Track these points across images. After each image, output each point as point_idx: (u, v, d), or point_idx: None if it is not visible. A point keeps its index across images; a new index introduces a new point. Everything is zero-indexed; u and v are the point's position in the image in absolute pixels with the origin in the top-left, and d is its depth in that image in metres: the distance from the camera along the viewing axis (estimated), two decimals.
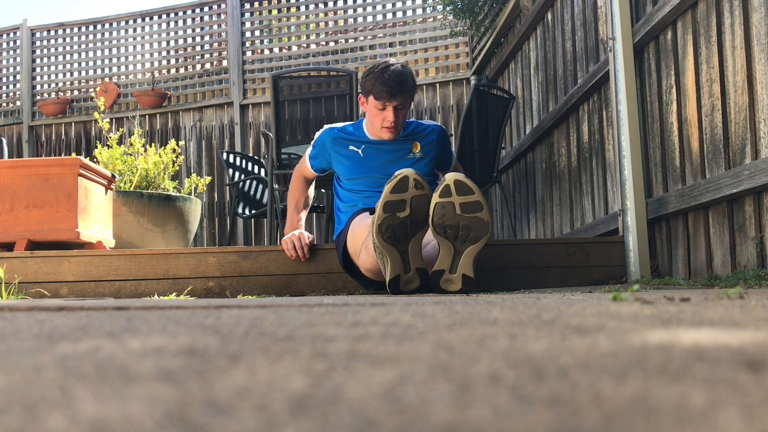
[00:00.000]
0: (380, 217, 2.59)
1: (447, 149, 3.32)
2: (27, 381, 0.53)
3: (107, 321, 1.08)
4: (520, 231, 5.53)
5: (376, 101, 3.05)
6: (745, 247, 2.54)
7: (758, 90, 2.41)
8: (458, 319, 1.03)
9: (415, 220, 2.64)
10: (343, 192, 3.23)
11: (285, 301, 1.90)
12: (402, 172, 2.63)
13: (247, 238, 7.34)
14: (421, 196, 2.62)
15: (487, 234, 2.61)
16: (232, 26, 7.76)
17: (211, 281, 3.25)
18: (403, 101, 3.07)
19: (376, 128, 3.11)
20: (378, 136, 3.15)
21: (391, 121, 3.06)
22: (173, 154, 5.10)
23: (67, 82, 8.44)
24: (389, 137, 3.12)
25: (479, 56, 6.59)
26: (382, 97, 3.03)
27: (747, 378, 0.50)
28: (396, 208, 2.59)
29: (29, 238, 3.45)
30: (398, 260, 2.67)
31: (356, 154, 3.16)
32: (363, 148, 3.16)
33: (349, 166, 3.16)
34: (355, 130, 3.23)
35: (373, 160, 3.15)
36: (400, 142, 3.19)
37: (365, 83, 3.10)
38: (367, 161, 3.15)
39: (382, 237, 2.62)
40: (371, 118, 3.12)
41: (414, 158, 3.17)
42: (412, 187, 2.60)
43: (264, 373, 0.56)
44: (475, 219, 2.58)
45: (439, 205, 2.57)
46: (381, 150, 3.16)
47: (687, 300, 1.40)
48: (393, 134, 3.11)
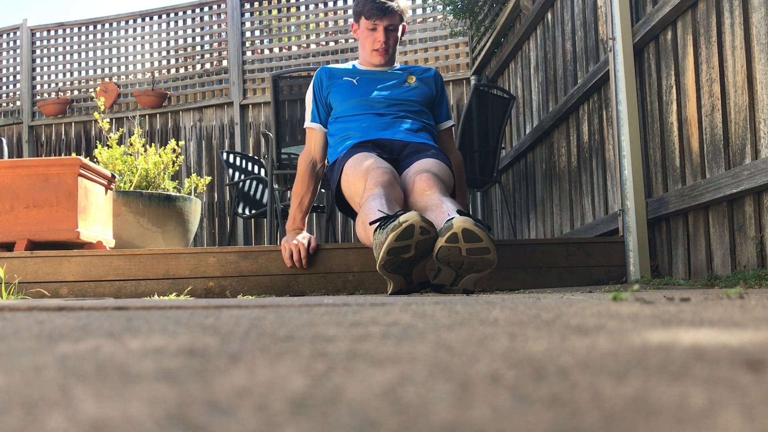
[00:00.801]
0: (383, 258, 2.47)
1: (442, 96, 3.33)
2: (27, 381, 0.53)
3: (107, 321, 1.08)
4: (520, 231, 5.53)
5: (367, 21, 3.09)
6: (745, 247, 2.54)
7: (758, 90, 2.41)
8: (458, 319, 1.03)
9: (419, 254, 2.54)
10: (336, 125, 3.22)
11: (285, 301, 1.90)
12: (408, 220, 2.41)
13: (247, 238, 7.34)
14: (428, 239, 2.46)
15: (491, 267, 2.51)
16: (232, 26, 7.76)
17: (211, 281, 3.25)
18: (394, 21, 3.10)
19: (367, 52, 3.14)
20: (370, 62, 3.16)
21: (381, 41, 3.08)
22: (173, 154, 5.10)
23: (67, 82, 8.44)
24: (380, 60, 3.14)
25: (479, 56, 6.59)
26: (373, 15, 3.06)
27: (747, 378, 0.50)
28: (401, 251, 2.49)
29: (29, 238, 3.45)
30: (401, 281, 2.64)
31: (351, 83, 3.17)
32: (358, 78, 3.18)
33: (343, 93, 3.17)
34: (348, 66, 3.28)
35: (368, 86, 3.16)
36: (395, 72, 3.20)
37: (356, 5, 3.16)
38: (362, 87, 3.17)
39: (385, 270, 2.56)
40: (362, 43, 3.16)
41: (409, 86, 3.18)
42: (418, 234, 2.43)
43: (264, 373, 0.56)
44: (480, 259, 2.46)
45: (444, 248, 2.43)
46: (376, 78, 3.19)
47: (687, 300, 1.40)
48: (384, 57, 3.13)
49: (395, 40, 3.15)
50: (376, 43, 3.10)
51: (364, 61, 3.21)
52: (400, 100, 3.17)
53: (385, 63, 3.18)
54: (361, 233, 2.84)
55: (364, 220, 2.75)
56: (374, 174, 2.80)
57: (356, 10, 3.15)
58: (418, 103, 3.20)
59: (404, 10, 3.15)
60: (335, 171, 3.12)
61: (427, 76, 3.26)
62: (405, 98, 3.18)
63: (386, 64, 3.20)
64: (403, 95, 3.19)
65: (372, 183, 2.78)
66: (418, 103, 3.19)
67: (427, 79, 3.25)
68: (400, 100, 3.17)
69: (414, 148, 3.10)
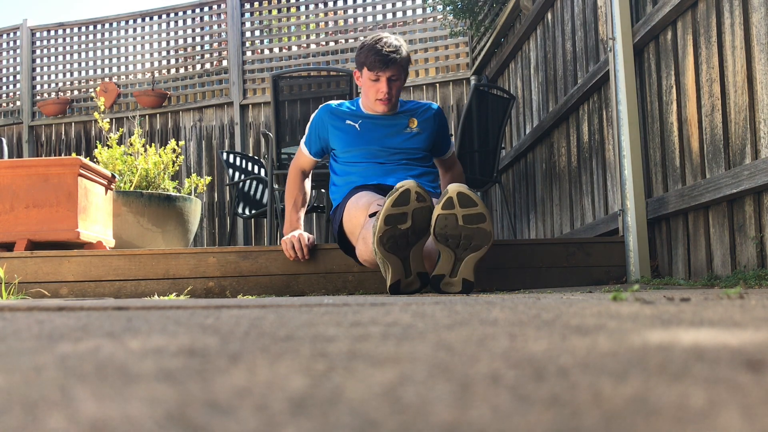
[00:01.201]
0: (381, 229, 2.56)
1: (444, 130, 3.33)
2: (27, 381, 0.53)
3: (107, 321, 1.08)
4: (520, 231, 5.53)
5: (369, 72, 3.08)
6: (745, 247, 2.54)
7: (758, 90, 2.41)
8: (458, 319, 1.03)
9: (416, 230, 2.61)
10: (338, 166, 3.23)
11: (285, 301, 1.90)
12: (404, 185, 2.57)
13: (247, 238, 7.34)
14: (423, 208, 2.57)
15: (488, 243, 2.59)
16: (232, 26, 7.76)
17: (211, 281, 3.25)
18: (397, 72, 3.09)
19: (370, 101, 3.13)
20: (373, 110, 3.16)
21: (384, 92, 3.07)
22: (173, 154, 5.10)
23: (67, 82, 8.44)
24: (383, 110, 3.13)
25: (479, 56, 6.59)
26: (375, 67, 3.05)
27: (747, 378, 0.50)
28: (397, 220, 2.56)
29: (29, 238, 3.45)
30: (399, 267, 2.66)
31: (353, 127, 3.17)
32: (360, 122, 3.17)
33: (345, 139, 3.17)
34: (352, 106, 3.25)
35: (370, 134, 3.16)
36: (396, 117, 3.20)
37: (359, 56, 3.13)
38: (364, 134, 3.16)
39: (383, 247, 2.60)
40: (366, 91, 3.14)
41: (411, 133, 3.18)
42: (414, 200, 2.56)
43: (264, 373, 0.56)
44: (477, 229, 2.55)
45: (441, 216, 2.53)
46: (378, 124, 3.17)
47: (687, 300, 1.40)
48: (387, 106, 3.12)
49: (398, 89, 3.14)
50: (379, 93, 3.09)
51: (367, 107, 3.20)
52: (401, 149, 3.19)
53: (388, 111, 3.17)
54: (362, 251, 2.85)
55: (365, 236, 2.78)
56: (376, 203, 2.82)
57: (359, 60, 3.13)
58: (420, 149, 3.21)
59: (407, 60, 3.14)
60: (338, 213, 3.13)
61: (427, 117, 3.24)
62: (406, 147, 3.19)
63: (389, 112, 3.19)
64: (405, 143, 3.19)
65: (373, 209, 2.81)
66: (419, 149, 3.21)
67: (427, 120, 3.23)
68: (400, 149, 3.19)
69: None
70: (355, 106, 3.25)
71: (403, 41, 3.19)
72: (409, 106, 3.28)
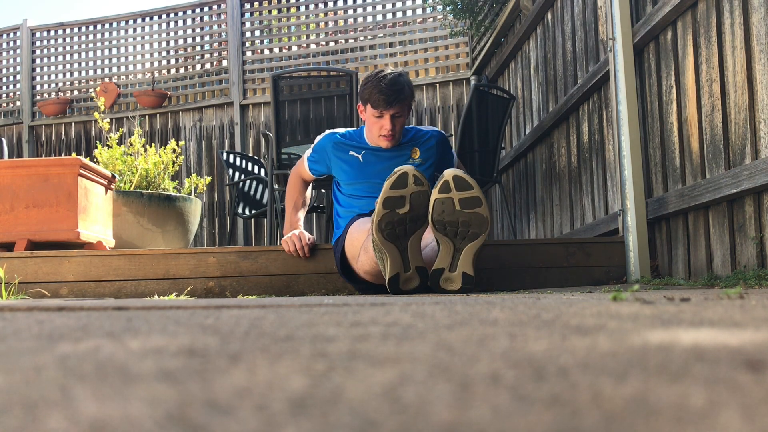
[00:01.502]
0: (380, 213, 2.59)
1: (447, 153, 3.32)
2: (27, 381, 0.53)
3: (107, 321, 1.08)
4: (520, 231, 5.53)
5: (373, 110, 3.08)
6: (745, 247, 2.54)
7: (758, 90, 2.41)
8: (458, 319, 1.03)
9: (414, 216, 2.63)
10: (342, 197, 3.24)
11: (285, 301, 1.90)
12: (401, 169, 2.62)
13: (247, 238, 7.34)
14: (421, 192, 2.61)
15: (486, 230, 2.61)
16: (232, 26, 7.76)
17: (211, 281, 3.25)
18: (400, 110, 3.09)
19: (374, 136, 3.13)
20: (377, 144, 3.17)
21: (388, 129, 3.08)
22: (173, 154, 5.10)
23: (67, 82, 8.44)
24: (387, 146, 3.14)
25: (479, 56, 6.59)
26: (379, 106, 3.05)
27: (747, 378, 0.50)
28: (395, 204, 2.59)
29: (29, 238, 3.45)
30: (398, 258, 2.67)
31: (356, 159, 3.17)
32: (363, 153, 3.17)
33: (348, 171, 3.17)
34: (356, 136, 3.25)
35: (372, 166, 3.16)
36: (399, 149, 3.20)
37: (363, 92, 3.13)
38: (366, 167, 3.16)
39: (381, 234, 2.62)
40: (369, 127, 3.14)
41: (414, 164, 3.18)
42: (412, 183, 2.60)
43: (264, 373, 0.56)
44: (474, 214, 2.58)
45: (438, 201, 2.56)
46: (380, 156, 3.17)
47: (687, 300, 1.40)
48: (391, 143, 3.13)
49: (402, 125, 3.15)
50: (383, 131, 3.10)
51: (370, 140, 3.20)
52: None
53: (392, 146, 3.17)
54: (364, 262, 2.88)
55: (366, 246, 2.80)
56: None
57: (363, 95, 3.13)
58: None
59: (411, 97, 3.14)
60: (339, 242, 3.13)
61: (430, 146, 3.23)
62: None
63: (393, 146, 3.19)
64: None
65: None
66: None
67: (430, 149, 3.23)
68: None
69: None
70: (359, 137, 3.24)
71: (406, 76, 3.19)
72: (411, 135, 3.26)
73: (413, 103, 3.28)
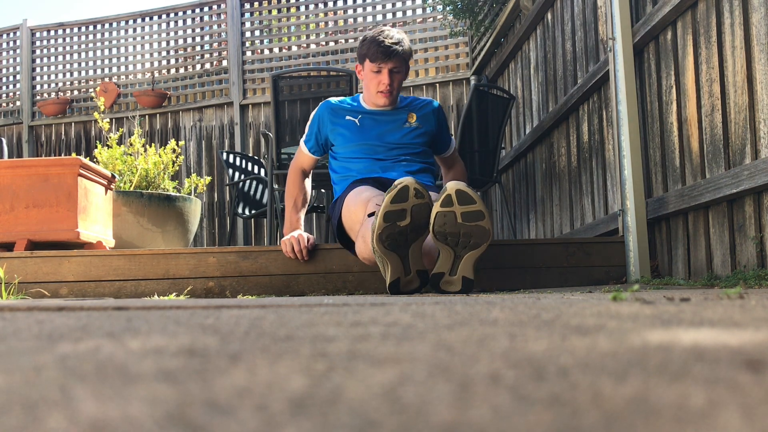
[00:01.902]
0: (380, 226, 2.55)
1: (443, 128, 3.35)
2: (27, 381, 0.53)
3: (107, 321, 1.08)
4: (520, 231, 5.53)
5: (371, 64, 3.11)
6: (745, 247, 2.54)
7: (758, 90, 2.41)
8: (458, 319, 1.03)
9: (415, 227, 2.61)
10: (337, 164, 3.25)
11: (285, 301, 1.90)
12: (402, 182, 2.57)
13: (247, 238, 7.34)
14: (422, 204, 2.56)
15: (487, 241, 2.59)
16: (232, 26, 7.76)
17: (211, 281, 3.25)
18: (399, 64, 3.12)
19: (371, 94, 3.15)
20: (374, 103, 3.18)
21: (386, 84, 3.09)
22: (173, 154, 5.10)
23: (67, 82, 8.44)
24: (385, 102, 3.15)
25: (479, 56, 6.59)
26: (378, 59, 3.07)
27: (747, 378, 0.50)
28: (396, 217, 2.56)
29: (29, 238, 3.45)
30: (399, 265, 2.66)
31: (353, 123, 3.19)
32: (360, 117, 3.19)
33: (346, 135, 3.19)
34: (353, 102, 3.28)
35: (370, 130, 3.18)
36: (396, 113, 3.22)
37: (361, 48, 3.17)
38: (363, 130, 3.18)
39: (382, 244, 2.60)
40: (367, 84, 3.17)
41: (410, 127, 3.21)
42: (413, 197, 2.56)
43: (264, 373, 0.56)
44: (476, 227, 2.55)
45: (440, 214, 2.53)
46: (377, 120, 3.19)
47: (687, 300, 1.40)
48: (388, 99, 3.14)
49: (399, 82, 3.17)
50: (380, 86, 3.11)
51: (368, 101, 3.22)
52: (401, 144, 3.22)
53: (390, 104, 3.18)
54: (362, 249, 2.86)
55: (363, 234, 2.79)
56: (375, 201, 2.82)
57: (360, 52, 3.17)
58: (419, 144, 3.23)
59: (409, 52, 3.16)
60: (337, 207, 3.14)
61: (426, 112, 3.27)
62: (405, 142, 3.22)
63: (390, 105, 3.20)
64: (403, 139, 3.21)
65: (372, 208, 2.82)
66: (418, 144, 3.23)
67: (426, 115, 3.27)
68: (400, 144, 3.21)
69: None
70: (356, 102, 3.28)
71: (405, 35, 3.22)
72: (409, 101, 3.31)
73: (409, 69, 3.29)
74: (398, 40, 3.10)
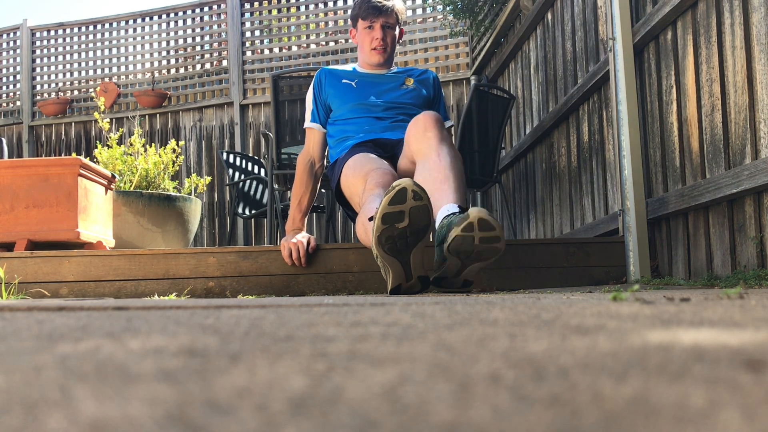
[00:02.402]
0: (379, 228, 2.52)
1: (439, 98, 3.39)
2: (27, 381, 0.53)
3: (107, 321, 1.08)
4: (520, 231, 5.53)
5: (363, 22, 3.18)
6: (745, 247, 2.54)
7: (758, 90, 2.41)
8: (458, 319, 1.03)
9: (414, 230, 2.57)
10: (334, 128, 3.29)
11: (285, 301, 1.90)
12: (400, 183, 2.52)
13: (247, 238, 7.34)
14: (420, 207, 2.51)
15: (497, 256, 2.60)
16: (232, 26, 7.76)
17: (211, 281, 3.25)
18: (390, 19, 3.17)
19: (366, 53, 3.19)
20: (369, 63, 3.20)
21: (379, 38, 3.14)
22: (173, 154, 5.10)
23: (67, 82, 8.44)
24: (379, 59, 3.17)
25: (479, 56, 6.59)
26: (369, 15, 3.13)
27: (747, 378, 0.50)
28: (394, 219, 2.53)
29: (29, 238, 3.45)
30: (400, 271, 2.64)
31: (349, 85, 3.24)
32: (356, 81, 3.24)
33: (342, 96, 3.23)
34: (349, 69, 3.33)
35: (367, 89, 3.22)
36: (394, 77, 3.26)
37: (353, 10, 3.24)
38: (360, 90, 3.23)
39: (382, 248, 2.57)
40: (361, 44, 3.22)
41: (407, 89, 3.26)
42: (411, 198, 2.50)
43: (264, 373, 0.56)
44: (491, 247, 2.55)
45: (459, 237, 2.50)
46: (374, 82, 3.24)
47: (687, 300, 1.40)
48: (382, 55, 3.17)
49: (393, 39, 3.20)
50: (374, 42, 3.15)
51: (363, 63, 3.27)
52: (398, 103, 3.23)
53: (384, 62, 3.21)
54: (361, 234, 2.86)
55: (363, 221, 2.78)
56: (374, 175, 2.82)
57: (353, 14, 3.25)
58: (416, 105, 3.25)
59: (400, 11, 3.21)
60: (335, 170, 3.17)
61: (424, 78, 3.33)
62: (402, 101, 3.24)
63: (385, 64, 3.23)
64: (401, 98, 3.24)
65: (372, 184, 2.81)
66: (415, 105, 3.25)
67: (424, 80, 3.32)
68: (397, 103, 3.23)
69: None
70: (351, 69, 3.31)
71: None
72: (406, 69, 3.37)
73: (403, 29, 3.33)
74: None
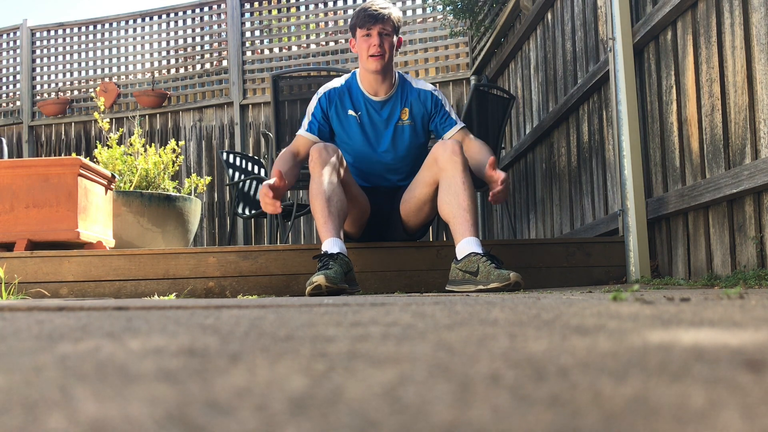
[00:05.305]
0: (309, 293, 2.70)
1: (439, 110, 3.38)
2: (27, 381, 0.53)
3: (107, 321, 1.08)
4: (520, 231, 5.53)
5: (361, 30, 3.22)
6: (745, 247, 2.54)
7: (758, 90, 2.41)
8: (458, 319, 1.03)
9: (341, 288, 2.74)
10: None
11: (285, 301, 1.90)
12: (316, 282, 2.66)
13: (247, 238, 7.34)
14: (338, 290, 2.67)
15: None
16: (232, 26, 7.76)
17: (211, 281, 3.25)
18: (388, 27, 3.22)
19: (364, 61, 3.22)
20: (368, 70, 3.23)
21: (376, 45, 3.18)
22: (173, 154, 5.10)
23: (67, 82, 8.43)
24: (377, 66, 3.20)
25: (479, 56, 6.59)
26: (366, 23, 3.19)
27: (747, 378, 0.50)
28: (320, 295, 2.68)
29: (29, 238, 3.45)
30: None
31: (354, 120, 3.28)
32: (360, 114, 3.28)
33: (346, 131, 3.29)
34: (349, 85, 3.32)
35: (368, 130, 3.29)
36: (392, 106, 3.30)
37: (351, 20, 3.29)
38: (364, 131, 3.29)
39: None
40: (360, 54, 3.27)
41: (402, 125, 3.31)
42: (326, 292, 2.66)
43: (264, 373, 0.56)
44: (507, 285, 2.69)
45: (495, 287, 2.66)
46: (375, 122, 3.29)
47: (687, 300, 1.40)
48: (380, 61, 3.20)
49: (390, 46, 3.23)
50: (371, 48, 3.19)
51: (363, 75, 3.26)
52: (385, 163, 3.34)
53: (382, 69, 3.21)
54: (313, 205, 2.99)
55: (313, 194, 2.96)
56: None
57: (351, 24, 3.29)
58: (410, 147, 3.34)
59: (397, 19, 3.25)
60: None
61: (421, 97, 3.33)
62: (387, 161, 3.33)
63: (383, 71, 3.22)
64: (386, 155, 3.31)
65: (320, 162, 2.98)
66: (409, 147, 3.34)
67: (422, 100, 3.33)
68: (384, 163, 3.34)
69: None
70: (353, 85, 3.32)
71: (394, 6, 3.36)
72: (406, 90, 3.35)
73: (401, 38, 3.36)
74: (385, 6, 3.24)
